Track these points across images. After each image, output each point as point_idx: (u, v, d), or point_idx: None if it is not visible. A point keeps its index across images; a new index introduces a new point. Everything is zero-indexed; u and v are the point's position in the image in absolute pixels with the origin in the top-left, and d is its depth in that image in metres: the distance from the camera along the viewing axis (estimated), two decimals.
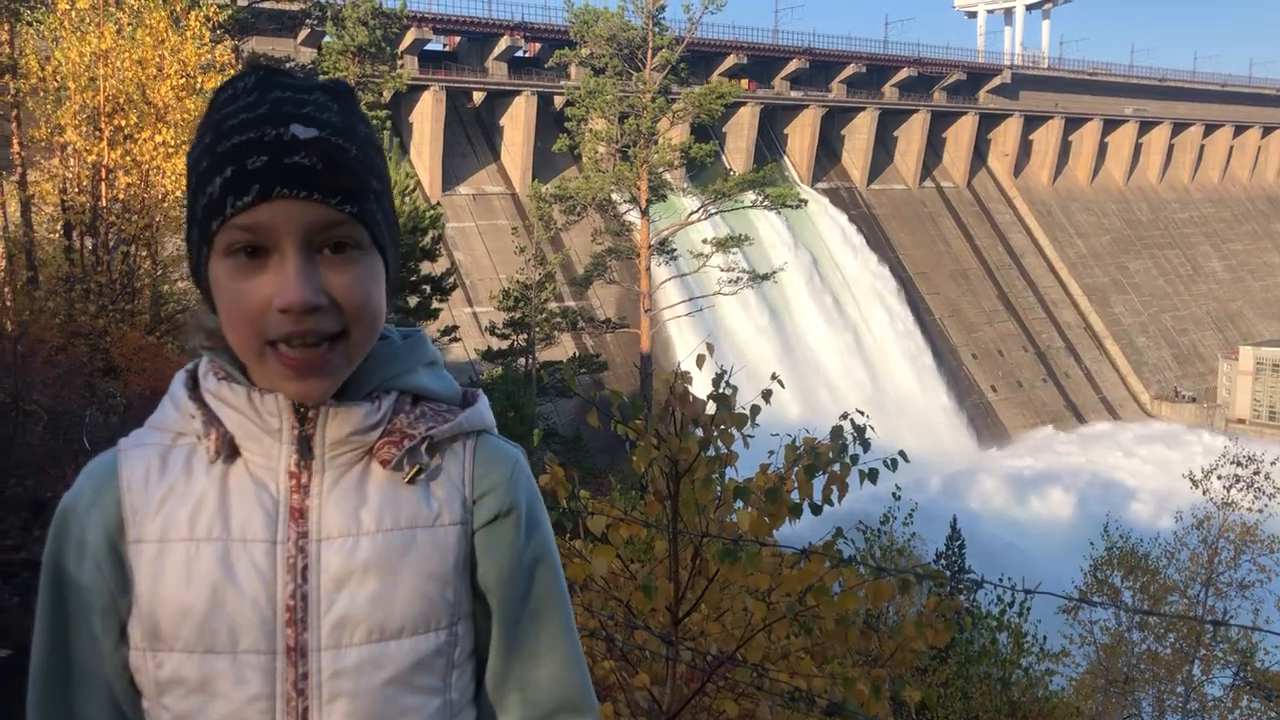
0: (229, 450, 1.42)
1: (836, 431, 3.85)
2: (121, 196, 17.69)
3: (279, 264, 1.33)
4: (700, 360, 4.19)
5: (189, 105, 17.88)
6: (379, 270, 1.41)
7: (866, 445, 3.78)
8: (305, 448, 1.42)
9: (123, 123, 17.39)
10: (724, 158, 66.06)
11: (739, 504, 3.75)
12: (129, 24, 17.86)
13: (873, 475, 3.74)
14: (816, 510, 3.76)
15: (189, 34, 18.41)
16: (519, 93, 58.97)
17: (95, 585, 1.42)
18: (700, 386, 4.04)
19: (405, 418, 1.46)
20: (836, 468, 3.74)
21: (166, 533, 1.40)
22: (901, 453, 3.84)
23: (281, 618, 1.40)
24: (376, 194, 1.40)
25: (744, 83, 63.86)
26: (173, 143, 17.50)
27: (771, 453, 4.06)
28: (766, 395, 4.36)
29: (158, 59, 17.58)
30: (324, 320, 1.34)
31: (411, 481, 1.45)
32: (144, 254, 18.75)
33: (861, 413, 3.99)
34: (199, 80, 18.43)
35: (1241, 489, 19.28)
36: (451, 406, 1.51)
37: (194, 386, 1.47)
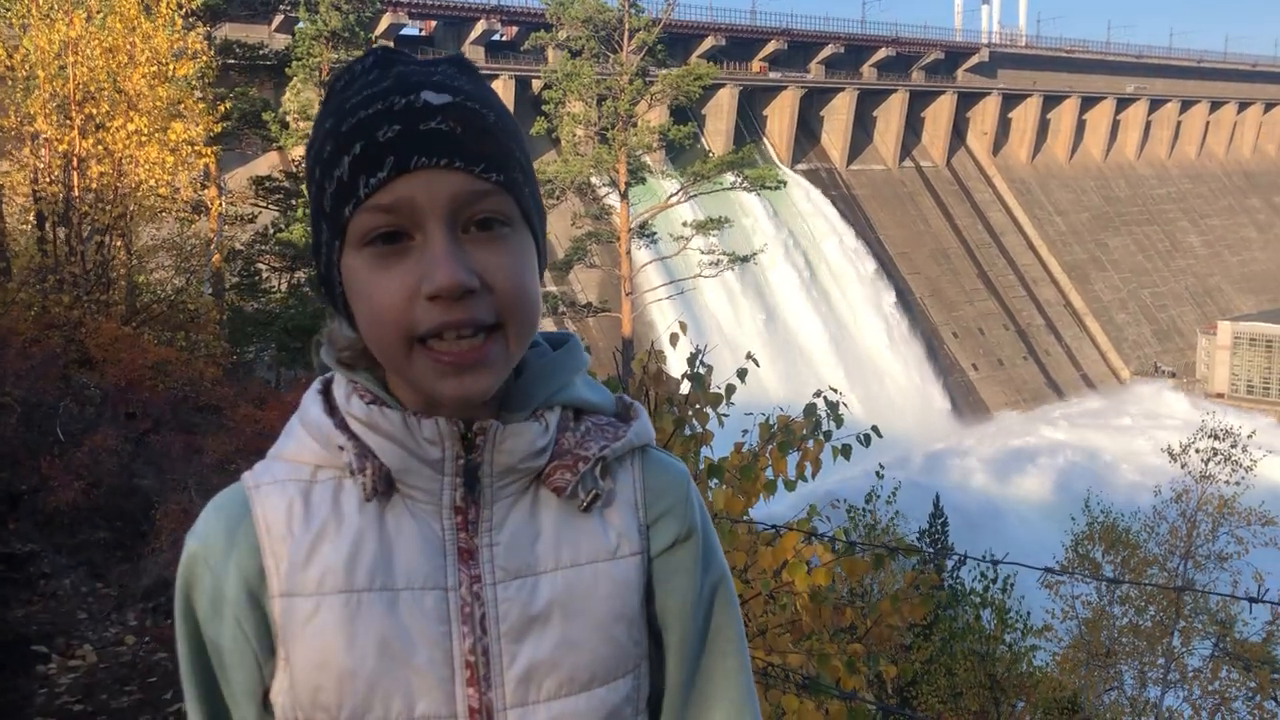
0: (385, 485, 1.23)
1: (810, 409, 3.83)
2: (94, 186, 17.50)
3: (423, 246, 1.16)
4: (674, 339, 4.17)
5: (161, 93, 17.69)
6: (532, 253, 1.24)
7: (840, 422, 3.77)
8: (470, 478, 1.24)
9: (94, 111, 17.18)
10: (703, 140, 65.99)
11: (714, 483, 3.73)
12: (99, 11, 17.65)
13: (846, 451, 3.73)
14: (791, 487, 3.75)
15: (160, 21, 18.18)
16: (496, 77, 58.71)
17: (236, 645, 1.24)
18: (678, 366, 4.02)
19: (572, 436, 1.29)
20: (811, 445, 3.73)
21: (321, 585, 1.21)
22: (874, 428, 3.83)
23: (461, 676, 1.22)
24: (522, 166, 1.23)
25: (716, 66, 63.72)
26: (145, 131, 17.30)
27: (746, 431, 4.05)
28: (742, 374, 4.34)
29: (128, 46, 17.36)
30: (478, 307, 1.16)
31: (587, 509, 1.28)
32: (119, 244, 18.55)
33: (835, 390, 3.98)
34: (171, 68, 18.23)
35: (1219, 462, 19.44)
36: (612, 419, 1.34)
37: (331, 411, 1.27)
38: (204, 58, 21.83)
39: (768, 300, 62.14)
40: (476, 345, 1.17)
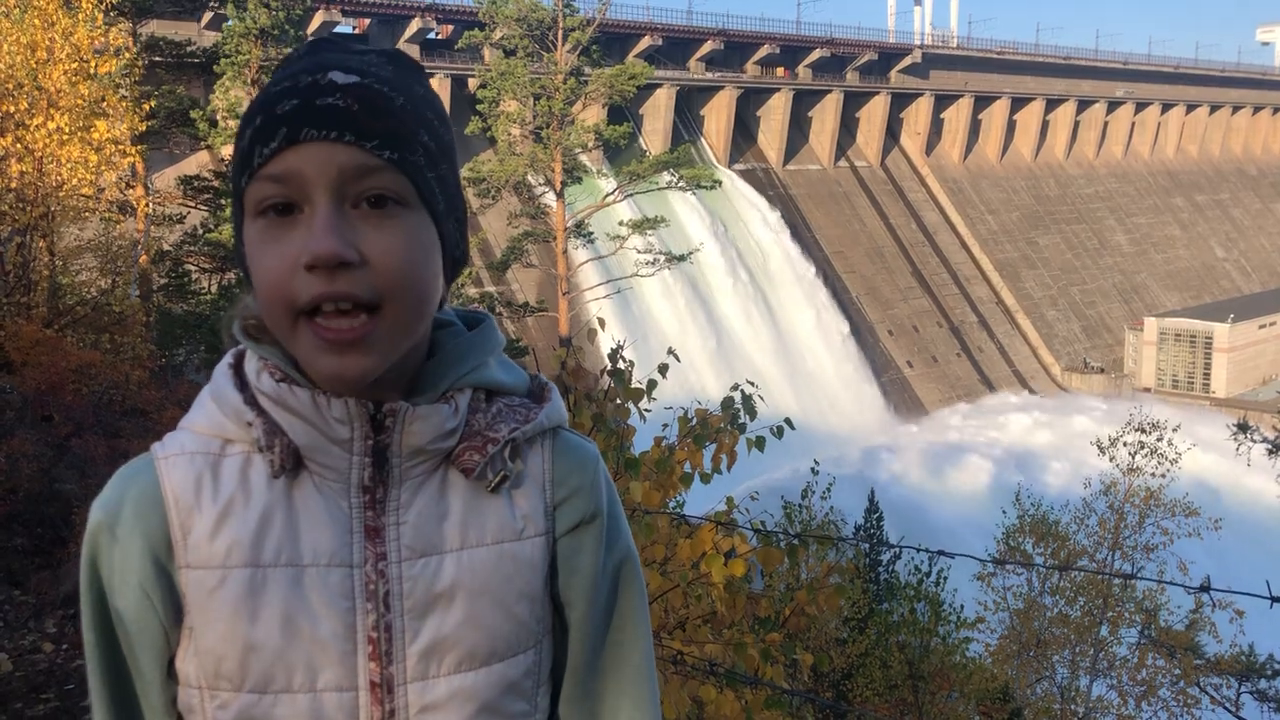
0: (293, 463, 1.24)
1: (727, 402, 3.86)
2: (14, 185, 17.09)
3: (309, 218, 1.17)
4: (592, 335, 4.17)
5: (83, 90, 17.29)
6: (429, 237, 1.23)
7: (753, 414, 3.79)
8: (379, 458, 1.25)
9: (12, 109, 16.77)
10: (641, 139, 66.07)
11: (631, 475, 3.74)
12: (16, 6, 17.23)
13: (760, 443, 3.76)
14: (706, 479, 3.77)
15: (81, 16, 17.79)
16: (432, 75, 58.26)
17: (141, 613, 1.25)
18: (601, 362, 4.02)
19: (483, 417, 1.30)
20: (727, 438, 3.76)
21: (228, 558, 1.22)
22: (788, 420, 3.87)
23: (364, 650, 1.24)
24: (428, 150, 1.22)
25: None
26: (66, 129, 16.90)
27: (666, 426, 4.06)
28: (663, 370, 4.36)
29: (48, 42, 16.96)
30: (356, 282, 1.16)
31: (495, 490, 1.30)
32: (41, 244, 18.13)
33: (752, 384, 4.01)
34: (93, 64, 17.84)
35: (1146, 455, 19.88)
36: (524, 400, 1.35)
37: (242, 386, 1.27)
38: (128, 54, 21.40)
39: (705, 299, 62.40)
40: (357, 324, 1.17)
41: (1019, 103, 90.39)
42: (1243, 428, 23.57)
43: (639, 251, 44.60)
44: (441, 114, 1.29)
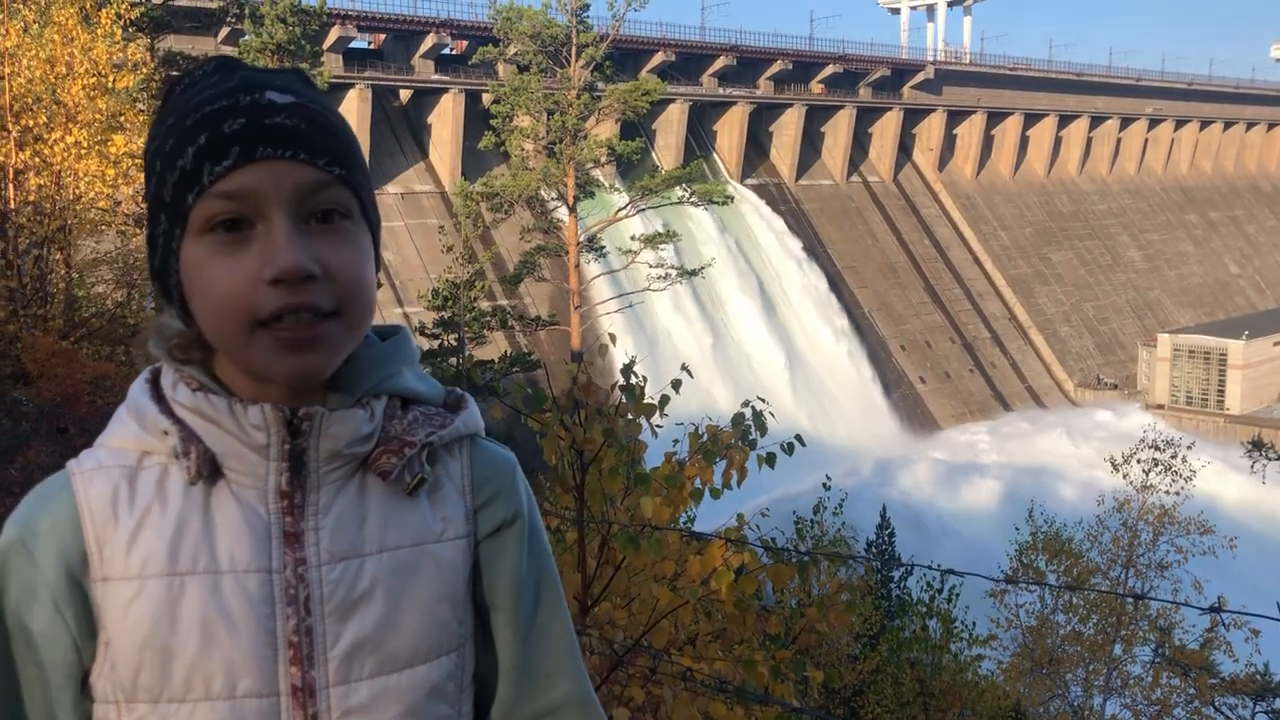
0: (210, 470, 1.25)
1: (738, 418, 3.88)
2: (32, 199, 17.24)
3: (265, 234, 1.19)
4: (603, 350, 4.19)
5: (100, 105, 17.44)
6: (370, 247, 1.29)
7: (764, 430, 3.81)
8: (297, 463, 1.27)
9: (31, 123, 16.92)
10: (653, 155, 66.20)
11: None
12: (36, 21, 17.39)
13: (770, 460, 3.78)
14: (716, 495, 3.79)
15: (100, 32, 17.95)
16: (446, 90, 58.47)
17: (53, 632, 1.24)
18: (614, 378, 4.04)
19: (399, 424, 1.32)
20: (737, 454, 3.77)
21: (144, 568, 1.22)
22: (798, 437, 3.88)
23: (284, 655, 1.25)
24: (361, 167, 1.27)
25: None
26: (85, 143, 17.05)
27: (676, 441, 4.08)
28: (676, 385, 4.38)
29: (67, 57, 17.12)
30: (318, 293, 1.20)
31: (412, 493, 1.32)
32: (58, 257, 18.28)
33: (763, 400, 4.02)
34: (111, 79, 17.99)
35: (1160, 472, 19.79)
36: (439, 409, 1.38)
37: (159, 399, 1.29)
38: (145, 69, 21.56)
39: (717, 314, 62.39)
40: (317, 327, 1.21)
41: (1032, 119, 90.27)
42: (1258, 445, 23.46)
43: (650, 266, 44.69)
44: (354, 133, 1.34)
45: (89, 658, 1.26)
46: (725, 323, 62.59)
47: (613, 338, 4.45)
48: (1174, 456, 19.98)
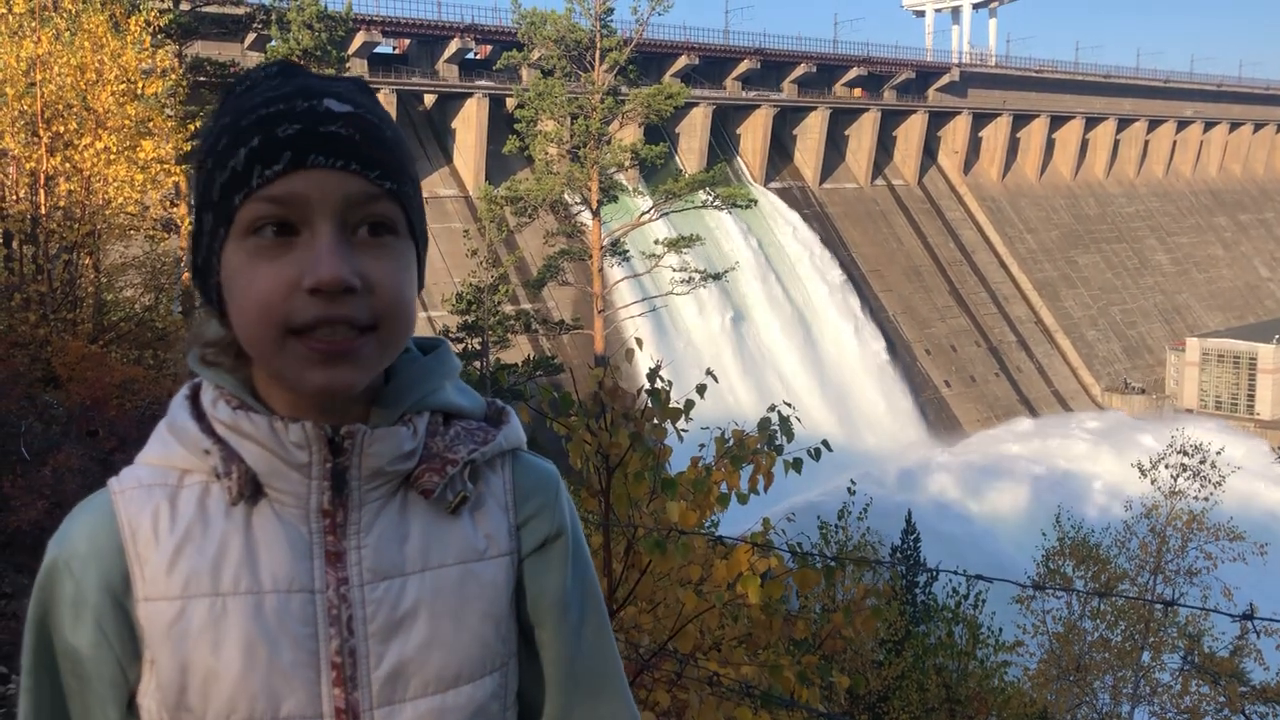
0: (252, 489, 1.24)
1: (764, 423, 3.87)
2: (63, 204, 17.43)
3: (309, 242, 1.18)
4: (629, 354, 4.19)
5: (130, 111, 17.63)
6: (414, 263, 1.27)
7: (790, 436, 3.80)
8: (338, 482, 1.25)
9: (62, 129, 17.12)
10: (677, 158, 66.21)
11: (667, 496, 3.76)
12: (67, 29, 17.59)
13: (797, 465, 3.76)
14: (743, 500, 3.78)
15: (129, 39, 18.16)
16: (470, 95, 58.74)
17: (98, 652, 1.23)
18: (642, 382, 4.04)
19: (441, 440, 1.31)
20: (764, 459, 3.76)
21: (186, 588, 1.22)
22: (825, 443, 3.86)
23: (328, 676, 1.23)
24: (413, 180, 1.26)
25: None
26: (114, 149, 17.24)
27: (702, 446, 4.07)
28: (701, 390, 4.37)
29: (97, 64, 17.31)
30: (356, 306, 1.18)
31: (455, 511, 1.30)
32: (87, 261, 18.46)
33: (789, 405, 4.01)
34: (140, 85, 18.18)
35: (1189, 478, 19.60)
36: (481, 424, 1.36)
37: (199, 416, 1.27)
38: (174, 75, 21.77)
39: (741, 318, 62.33)
40: (352, 340, 1.19)
41: (1058, 121, 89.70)
42: None
43: (674, 270, 44.70)
44: (409, 146, 1.32)
45: (134, 677, 1.25)
46: (748, 325, 62.52)
47: (639, 342, 4.45)
48: (1203, 462, 19.77)
